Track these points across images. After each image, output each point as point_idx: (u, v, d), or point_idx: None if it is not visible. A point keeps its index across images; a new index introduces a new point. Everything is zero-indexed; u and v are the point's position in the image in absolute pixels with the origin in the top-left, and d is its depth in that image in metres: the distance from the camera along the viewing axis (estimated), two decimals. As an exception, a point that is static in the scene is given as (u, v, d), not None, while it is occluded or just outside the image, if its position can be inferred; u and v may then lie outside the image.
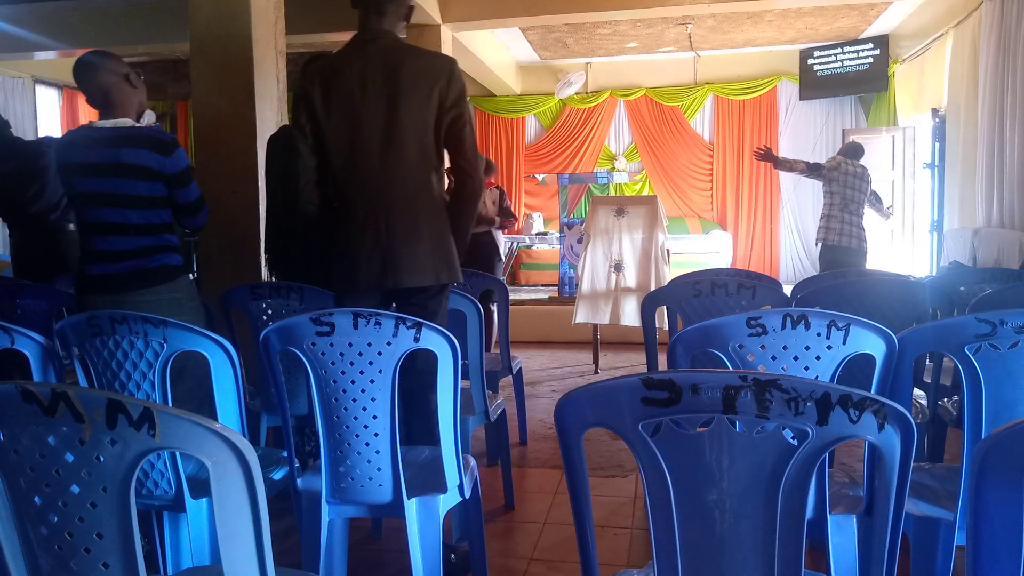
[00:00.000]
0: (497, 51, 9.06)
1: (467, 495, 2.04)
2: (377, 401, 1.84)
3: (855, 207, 5.66)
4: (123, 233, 2.41)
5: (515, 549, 2.70)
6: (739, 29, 8.45)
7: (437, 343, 1.85)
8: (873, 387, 1.59)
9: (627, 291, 5.32)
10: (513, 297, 6.09)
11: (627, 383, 1.04)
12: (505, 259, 9.33)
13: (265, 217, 3.36)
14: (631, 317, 5.27)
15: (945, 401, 2.57)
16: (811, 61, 9.32)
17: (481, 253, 5.45)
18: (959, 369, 1.62)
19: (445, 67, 2.44)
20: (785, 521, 1.04)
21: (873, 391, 1.56)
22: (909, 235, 8.67)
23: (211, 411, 1.91)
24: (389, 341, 1.80)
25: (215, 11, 3.68)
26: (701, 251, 9.38)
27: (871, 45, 8.87)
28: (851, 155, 5.81)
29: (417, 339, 1.81)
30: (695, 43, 8.93)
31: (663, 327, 3.82)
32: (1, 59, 8.29)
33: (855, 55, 8.99)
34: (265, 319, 2.73)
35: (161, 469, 1.93)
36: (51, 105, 9.81)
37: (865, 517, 1.72)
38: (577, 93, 10.41)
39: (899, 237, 8.64)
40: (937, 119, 7.47)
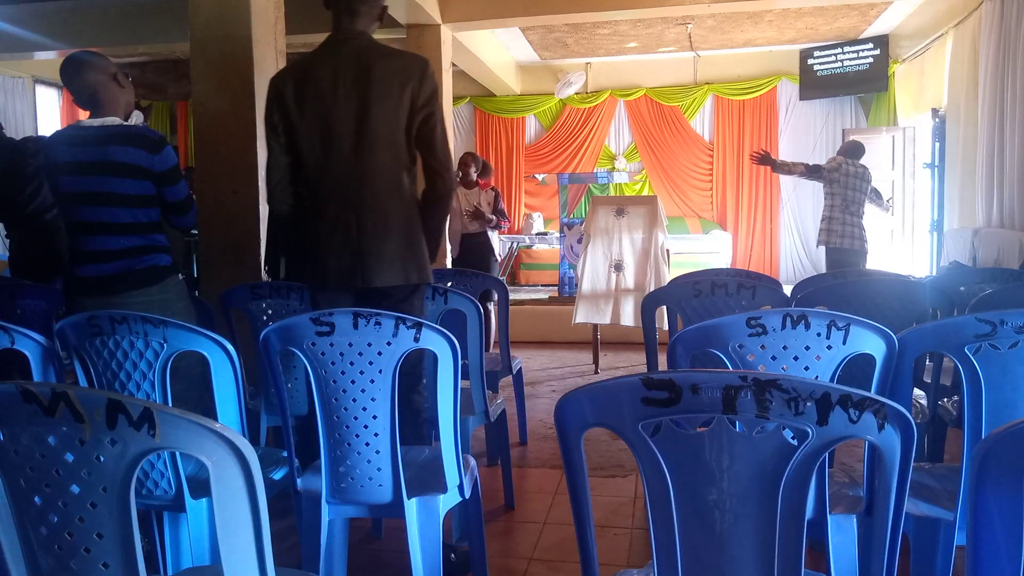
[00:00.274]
0: (497, 51, 9.06)
1: (467, 495, 2.04)
2: (377, 401, 1.84)
3: (856, 208, 5.66)
4: (112, 232, 2.40)
5: (515, 549, 2.70)
6: (739, 29, 8.45)
7: (437, 343, 1.85)
8: (873, 387, 1.59)
9: (627, 291, 5.32)
10: (513, 297, 6.09)
11: (627, 383, 1.04)
12: (504, 259, 9.34)
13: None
14: (631, 317, 5.27)
15: (945, 401, 2.57)
16: (811, 61, 9.32)
17: (476, 253, 5.48)
18: (959, 369, 1.62)
19: (417, 67, 2.43)
20: (785, 521, 1.04)
21: (873, 391, 1.56)
22: (909, 235, 8.67)
23: (203, 413, 1.90)
24: (389, 341, 1.80)
25: (215, 11, 3.67)
26: (701, 251, 9.38)
27: (871, 45, 8.87)
28: (852, 154, 5.81)
29: (417, 339, 1.81)
30: (695, 43, 8.93)
31: (663, 327, 3.82)
32: (1, 59, 8.30)
33: (855, 55, 8.98)
34: (265, 319, 2.74)
35: (161, 469, 1.92)
36: (51, 105, 9.82)
37: (865, 517, 1.72)
38: (577, 93, 10.41)
39: (899, 237, 8.64)
40: (937, 119, 7.46)
